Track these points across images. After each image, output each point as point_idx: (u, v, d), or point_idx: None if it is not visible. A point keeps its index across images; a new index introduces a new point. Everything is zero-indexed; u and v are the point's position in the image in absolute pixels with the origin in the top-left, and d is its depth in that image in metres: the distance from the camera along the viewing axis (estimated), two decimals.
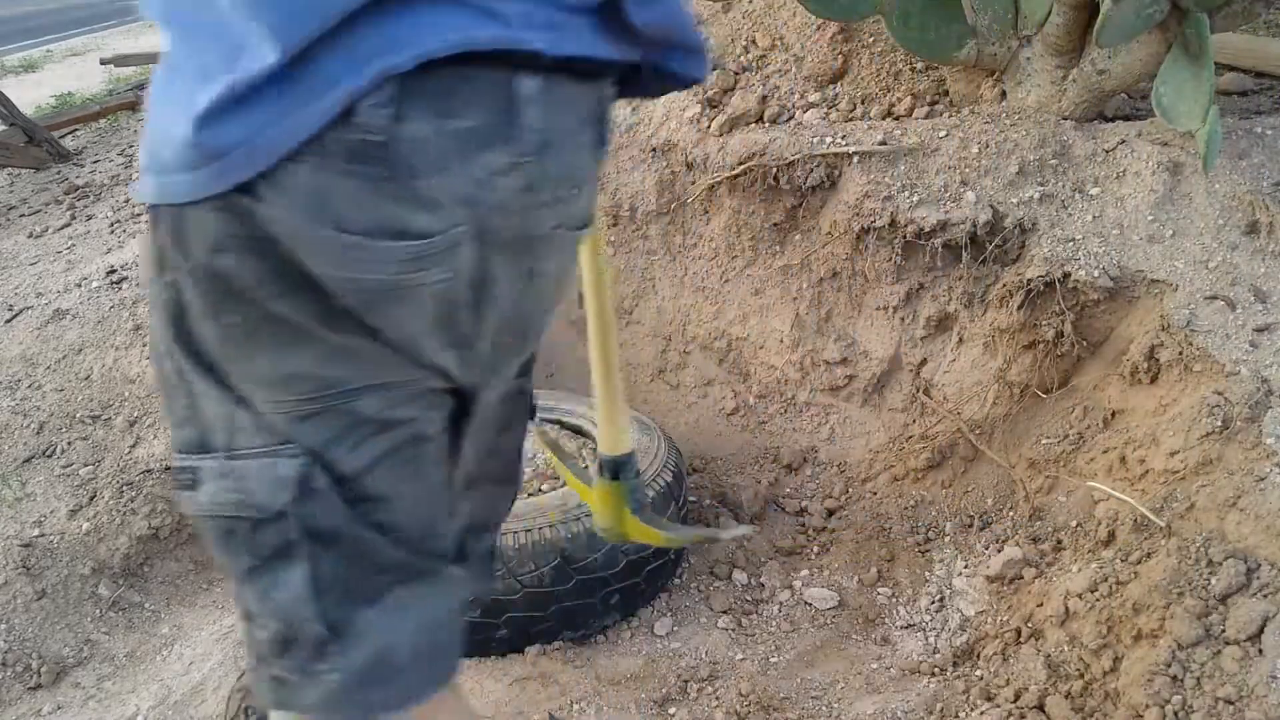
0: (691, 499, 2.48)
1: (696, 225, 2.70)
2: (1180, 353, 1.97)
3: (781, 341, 2.66)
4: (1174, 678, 1.54)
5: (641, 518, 1.50)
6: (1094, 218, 2.20)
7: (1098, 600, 1.75)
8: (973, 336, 2.41)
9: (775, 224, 2.57)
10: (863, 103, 2.58)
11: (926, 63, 2.59)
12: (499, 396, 1.01)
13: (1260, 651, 1.50)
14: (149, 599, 2.24)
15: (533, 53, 0.76)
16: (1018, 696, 1.69)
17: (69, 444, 2.39)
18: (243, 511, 0.84)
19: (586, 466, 1.79)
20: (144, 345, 2.57)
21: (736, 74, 2.70)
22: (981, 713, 1.69)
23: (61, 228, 3.65)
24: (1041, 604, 1.86)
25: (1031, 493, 2.19)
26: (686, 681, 1.95)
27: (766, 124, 2.56)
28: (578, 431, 2.42)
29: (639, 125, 2.68)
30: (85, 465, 2.35)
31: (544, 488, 2.14)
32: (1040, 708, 1.65)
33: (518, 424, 1.11)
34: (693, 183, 2.63)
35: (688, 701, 1.90)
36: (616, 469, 1.48)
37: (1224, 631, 1.55)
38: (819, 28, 2.69)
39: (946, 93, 2.57)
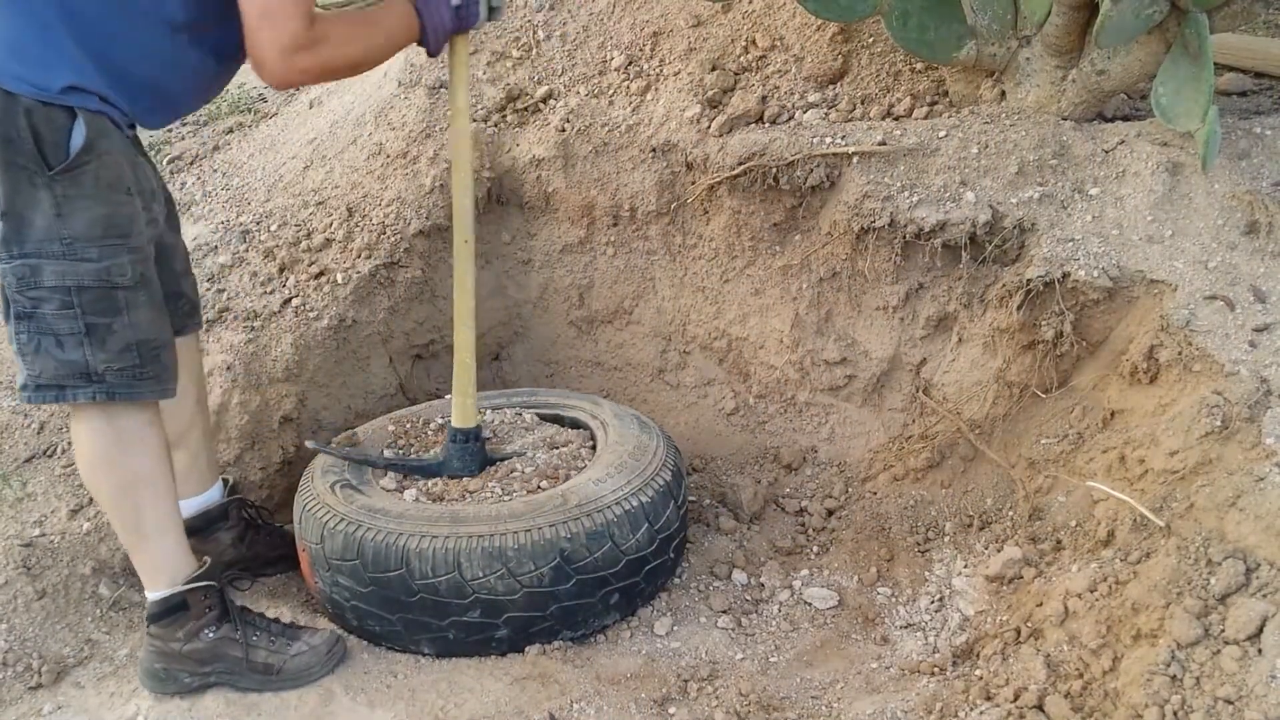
0: (691, 499, 2.48)
1: (696, 225, 2.70)
2: (1180, 353, 1.97)
3: (781, 341, 2.66)
4: (1173, 677, 1.54)
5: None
6: (1093, 218, 2.20)
7: (1097, 600, 1.76)
8: (972, 336, 2.41)
9: (775, 224, 2.57)
10: (862, 103, 2.58)
11: (926, 63, 2.59)
12: None
13: (1259, 651, 1.50)
14: None
15: None
16: (1017, 696, 1.69)
17: (69, 444, 2.39)
18: None
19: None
20: None
21: (736, 74, 2.70)
22: (981, 712, 1.69)
23: None
24: (1041, 604, 1.87)
25: (1031, 492, 2.20)
26: (686, 681, 1.96)
27: (766, 124, 2.56)
28: (575, 426, 2.42)
29: (639, 125, 2.68)
30: None
31: (543, 485, 2.14)
32: (1040, 707, 1.66)
33: None
34: (693, 183, 2.63)
35: (687, 701, 1.90)
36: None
37: (1223, 631, 1.56)
38: (819, 28, 2.69)
39: (946, 93, 2.57)
